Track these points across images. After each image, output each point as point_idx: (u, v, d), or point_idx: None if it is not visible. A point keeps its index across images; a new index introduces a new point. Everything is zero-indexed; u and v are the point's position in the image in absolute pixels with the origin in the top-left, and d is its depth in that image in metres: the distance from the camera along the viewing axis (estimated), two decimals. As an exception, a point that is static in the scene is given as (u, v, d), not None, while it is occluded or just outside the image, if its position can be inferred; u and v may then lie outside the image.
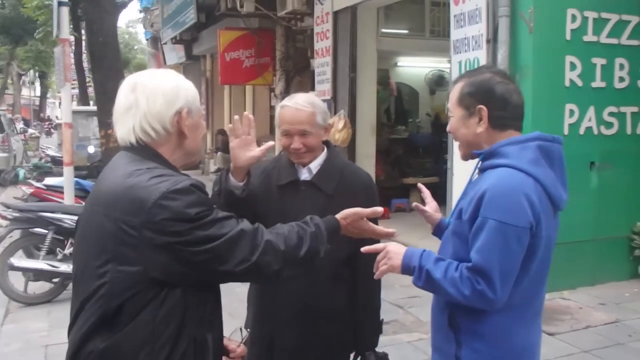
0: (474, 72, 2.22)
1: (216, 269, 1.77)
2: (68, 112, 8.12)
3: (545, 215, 2.02)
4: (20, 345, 5.35)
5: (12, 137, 18.28)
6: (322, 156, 2.76)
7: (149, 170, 1.80)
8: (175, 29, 16.61)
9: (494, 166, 2.07)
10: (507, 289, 1.98)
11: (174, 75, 1.96)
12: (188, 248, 1.71)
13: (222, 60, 13.28)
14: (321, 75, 9.96)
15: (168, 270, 1.73)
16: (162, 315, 1.75)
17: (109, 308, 1.74)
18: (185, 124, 1.90)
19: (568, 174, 2.08)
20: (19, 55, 36.93)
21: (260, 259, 1.81)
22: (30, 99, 54.08)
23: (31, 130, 29.79)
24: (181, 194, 1.72)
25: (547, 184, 2.03)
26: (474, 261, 1.97)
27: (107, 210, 1.77)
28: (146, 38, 28.95)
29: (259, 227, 1.90)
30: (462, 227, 2.08)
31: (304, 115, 2.64)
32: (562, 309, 5.88)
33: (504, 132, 2.12)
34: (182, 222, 1.70)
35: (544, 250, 2.06)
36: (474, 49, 6.39)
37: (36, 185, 8.46)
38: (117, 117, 1.92)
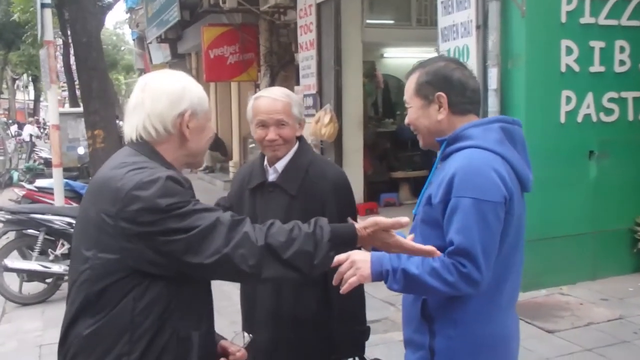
0: (427, 62, 2.25)
1: (188, 260, 1.76)
2: (55, 114, 8.18)
3: (515, 194, 2.05)
4: (15, 345, 5.44)
5: (7, 140, 18.75)
6: (290, 154, 2.71)
7: (134, 163, 1.85)
8: (160, 28, 16.68)
9: (459, 149, 2.09)
10: (490, 268, 1.98)
11: (183, 78, 1.99)
12: (159, 237, 1.74)
13: (207, 58, 13.34)
14: (306, 69, 9.89)
15: (142, 259, 1.77)
16: (143, 305, 1.78)
17: (90, 293, 1.80)
18: (188, 126, 1.94)
19: (566, 164, 1.85)
20: (12, 60, 38.14)
21: (233, 251, 1.78)
22: (24, 103, 55.55)
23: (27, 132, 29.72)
24: (154, 185, 1.75)
25: (514, 162, 2.08)
26: (456, 243, 1.97)
27: (93, 199, 1.86)
28: (133, 38, 29.07)
29: (243, 220, 1.87)
30: (433, 212, 2.08)
31: (281, 105, 2.63)
32: (561, 305, 5.74)
33: (465, 117, 2.17)
34: (153, 213, 1.73)
35: (515, 231, 2.08)
36: (463, 36, 6.21)
37: (28, 188, 8.66)
38: (126, 114, 1.98)
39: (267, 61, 12.22)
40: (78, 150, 15.03)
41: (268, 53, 12.19)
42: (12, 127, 27.22)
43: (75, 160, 14.79)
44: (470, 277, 1.95)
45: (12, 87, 46.06)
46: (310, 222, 1.92)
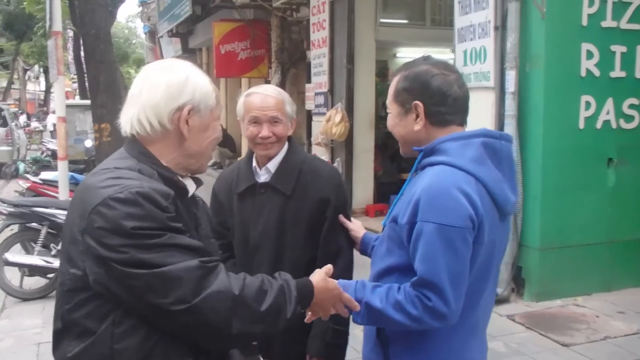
0: (410, 65, 2.06)
1: (150, 300, 1.55)
2: (62, 106, 8.06)
3: (488, 218, 1.87)
4: (13, 342, 5.34)
5: (16, 130, 18.64)
6: (282, 153, 2.62)
7: (115, 169, 1.66)
8: (171, 22, 16.67)
9: (432, 163, 1.93)
10: (460, 299, 1.83)
11: (187, 68, 1.79)
12: (120, 267, 1.53)
13: (217, 53, 13.27)
14: (317, 67, 9.77)
15: (104, 286, 1.57)
16: (122, 331, 1.59)
17: (65, 312, 1.64)
18: (187, 124, 1.73)
19: (583, 171, 1.64)
20: (24, 51, 38.32)
21: (204, 302, 1.57)
22: (35, 94, 55.85)
23: (34, 124, 29.87)
24: (121, 203, 1.54)
25: (490, 184, 1.89)
26: (419, 273, 1.83)
27: (70, 209, 1.69)
28: (144, 32, 29.07)
29: (217, 267, 1.65)
30: (398, 232, 1.93)
31: (274, 102, 2.55)
32: (576, 317, 5.57)
33: (445, 128, 1.98)
34: (117, 236, 1.53)
35: (486, 257, 1.91)
36: (480, 37, 6.06)
37: (32, 180, 8.51)
38: (125, 104, 1.79)
39: (278, 58, 12.18)
40: (85, 143, 15.03)
41: (279, 50, 12.15)
42: (21, 117, 27.16)
43: (82, 153, 14.79)
44: (436, 310, 1.81)
45: (23, 78, 46.32)
46: (276, 276, 1.79)
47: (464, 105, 2.01)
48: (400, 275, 1.94)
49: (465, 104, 2.02)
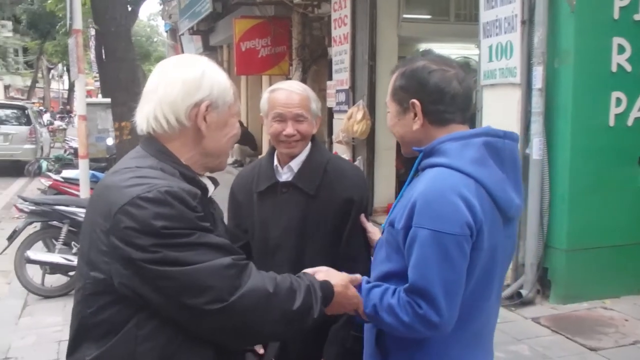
0: (408, 61, 1.97)
1: (183, 301, 1.52)
2: (82, 104, 8.09)
3: (489, 222, 1.78)
4: (35, 339, 5.37)
5: (39, 129, 18.77)
6: (305, 152, 2.56)
7: (137, 169, 1.62)
8: (192, 20, 16.78)
9: (431, 165, 1.85)
10: (454, 308, 1.76)
11: (204, 63, 1.75)
12: (152, 267, 1.50)
13: (238, 50, 13.25)
14: (339, 63, 9.66)
15: (131, 288, 1.53)
16: (146, 333, 1.56)
17: (85, 316, 1.61)
18: (205, 120, 1.70)
19: (613, 170, 1.50)
20: (48, 50, 39.25)
21: (239, 302, 1.54)
22: (59, 92, 56.74)
23: (58, 122, 30.21)
24: (150, 203, 1.51)
25: (491, 187, 1.80)
26: (410, 280, 1.77)
27: (90, 209, 1.66)
28: (165, 30, 29.21)
29: (249, 265, 1.64)
30: (395, 236, 1.86)
31: (299, 99, 2.49)
32: (604, 321, 5.41)
33: (445, 127, 1.89)
34: (147, 236, 1.49)
35: (487, 264, 1.82)
36: (507, 31, 5.90)
37: (54, 178, 8.62)
38: (140, 101, 1.75)
39: (299, 55, 12.06)
40: (107, 141, 15.03)
41: (300, 47, 12.03)
42: (45, 115, 27.45)
43: (103, 151, 14.82)
44: (427, 319, 1.74)
45: (47, 77, 46.98)
46: (301, 275, 1.79)
47: (465, 102, 1.91)
48: (398, 281, 1.87)
49: (467, 100, 1.92)
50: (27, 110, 18.31)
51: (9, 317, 5.94)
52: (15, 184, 15.09)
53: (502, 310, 5.56)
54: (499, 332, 4.96)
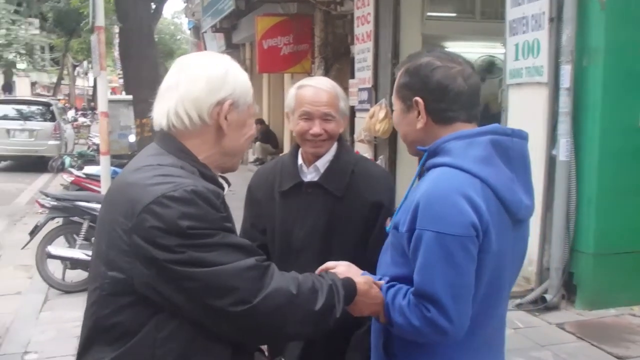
0: (412, 57, 1.93)
1: (207, 302, 1.51)
2: (104, 101, 8.11)
3: (496, 224, 1.72)
4: (55, 334, 5.41)
5: (63, 125, 19.08)
6: (332, 152, 2.49)
7: (159, 167, 1.61)
8: (215, 17, 16.82)
9: (435, 165, 1.80)
10: (465, 313, 1.71)
11: (227, 62, 1.75)
12: (176, 267, 1.48)
13: (260, 48, 13.21)
14: (361, 62, 9.54)
15: (153, 288, 1.51)
16: (165, 335, 1.54)
17: (101, 317, 1.59)
18: (227, 119, 1.69)
19: None
20: (73, 47, 39.85)
21: (263, 303, 1.54)
22: (84, 89, 57.16)
23: (82, 118, 30.55)
24: (176, 202, 1.50)
25: (498, 187, 1.74)
26: (416, 284, 1.73)
27: (109, 206, 1.64)
28: (189, 28, 29.38)
29: (271, 266, 1.63)
30: (400, 240, 1.82)
31: (328, 97, 2.41)
32: (633, 328, 5.28)
33: (450, 125, 1.84)
34: (172, 235, 1.48)
35: (497, 267, 1.76)
36: (534, 29, 5.77)
37: (76, 174, 8.73)
38: (158, 97, 1.74)
39: (321, 53, 12.04)
40: (129, 138, 15.22)
41: (323, 44, 12.01)
42: (69, 112, 27.76)
43: (126, 147, 15.02)
44: (435, 323, 1.69)
45: (73, 74, 47.49)
46: (323, 275, 1.78)
47: (470, 100, 1.85)
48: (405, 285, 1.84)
49: (472, 98, 1.86)
50: (52, 107, 18.58)
51: (30, 311, 6.02)
52: (39, 180, 15.30)
53: (525, 315, 5.48)
54: (521, 337, 4.94)
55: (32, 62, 36.69)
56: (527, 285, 5.89)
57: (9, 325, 5.59)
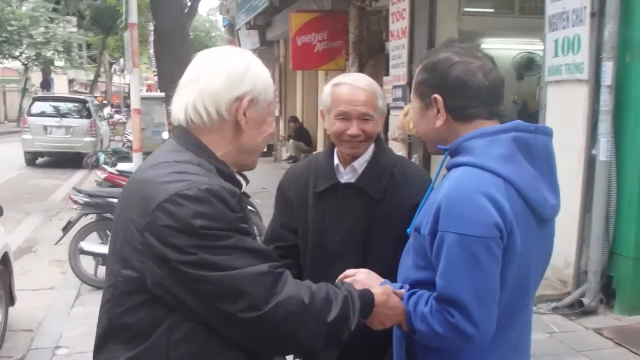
0: (431, 53, 1.88)
1: (218, 306, 1.48)
2: (136, 98, 8.17)
3: (521, 224, 1.67)
4: (85, 330, 5.36)
5: (99, 122, 19.26)
6: (369, 152, 2.39)
7: (176, 163, 1.58)
8: (249, 14, 16.88)
9: (456, 165, 1.75)
10: (490, 318, 1.65)
11: (248, 57, 1.71)
12: (187, 269, 1.45)
13: (294, 45, 13.11)
14: (396, 58, 9.40)
15: (166, 289, 1.49)
16: (179, 337, 1.52)
17: (114, 316, 1.58)
18: (245, 115, 1.66)
19: None
20: (110, 45, 40.04)
21: (274, 310, 1.49)
22: (120, 86, 57.75)
23: (118, 115, 30.95)
24: (190, 201, 1.46)
25: (522, 185, 1.69)
26: (438, 288, 1.68)
27: (124, 203, 1.62)
28: (223, 25, 29.50)
29: (284, 273, 1.58)
30: (422, 243, 1.76)
31: (366, 96, 2.30)
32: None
33: (470, 123, 1.78)
34: (184, 235, 1.45)
35: (522, 269, 1.71)
36: (574, 24, 5.61)
37: (109, 171, 8.79)
38: (177, 90, 1.72)
39: (355, 50, 11.85)
40: (163, 135, 15.21)
41: (357, 41, 11.81)
42: (106, 109, 28.08)
43: (159, 144, 14.84)
44: (460, 328, 1.64)
45: (109, 71, 48.15)
46: (339, 285, 1.73)
47: (491, 96, 1.79)
48: (427, 290, 1.78)
49: (493, 94, 1.79)
50: (88, 104, 18.76)
51: (62, 306, 6.10)
52: (75, 176, 15.53)
53: (562, 319, 5.36)
54: (557, 342, 4.80)
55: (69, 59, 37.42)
56: (563, 289, 5.76)
57: (42, 320, 5.62)
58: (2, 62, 33.00)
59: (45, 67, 35.76)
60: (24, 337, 5.28)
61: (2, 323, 5.08)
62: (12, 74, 37.22)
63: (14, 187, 13.49)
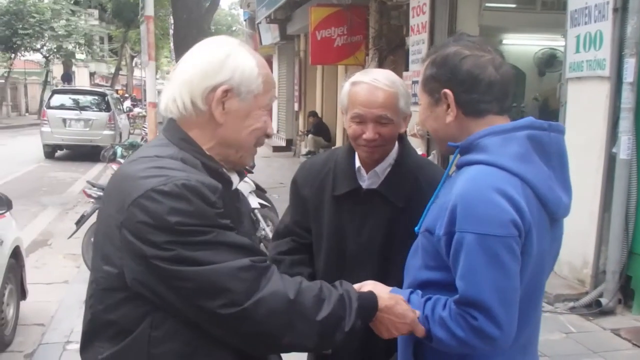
0: (439, 48, 1.82)
1: (197, 303, 1.44)
2: (152, 91, 8.27)
3: (537, 225, 1.64)
4: None
5: (119, 115, 19.20)
6: (392, 155, 2.25)
7: (157, 158, 1.53)
8: (269, 8, 16.73)
9: (470, 162, 1.70)
10: (513, 318, 1.62)
11: (231, 46, 1.63)
12: (165, 265, 1.41)
13: (313, 39, 13.02)
14: (416, 54, 9.31)
15: (146, 285, 1.45)
16: (161, 335, 1.48)
17: (97, 312, 1.55)
18: (223, 107, 1.58)
19: None
20: (131, 38, 40.31)
21: (256, 306, 1.44)
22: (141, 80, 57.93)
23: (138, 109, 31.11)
24: (166, 197, 1.42)
25: (538, 185, 1.66)
26: (460, 291, 1.62)
27: (106, 198, 1.59)
28: (244, 19, 29.43)
29: (270, 268, 1.53)
30: (435, 244, 1.71)
31: (384, 97, 2.13)
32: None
33: (482, 118, 1.74)
34: (160, 232, 1.41)
35: (536, 270, 1.69)
36: (597, 20, 5.52)
37: None
38: (165, 84, 1.69)
39: (375, 44, 11.72)
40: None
41: (377, 36, 11.69)
42: (125, 102, 28.16)
43: (176, 138, 15.03)
44: (483, 331, 1.60)
45: (130, 64, 48.31)
46: (336, 284, 1.64)
47: (502, 91, 1.75)
48: (436, 290, 1.75)
49: (505, 88, 1.75)
50: (107, 97, 18.74)
51: (75, 301, 5.99)
52: (94, 169, 15.54)
53: (579, 319, 5.30)
54: (573, 343, 4.75)
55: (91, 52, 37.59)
56: (581, 288, 5.70)
57: (54, 314, 5.57)
58: (23, 54, 33.28)
59: (66, 60, 36.00)
60: (35, 331, 5.22)
61: (14, 317, 5.04)
62: (34, 66, 37.55)
63: (31, 180, 13.51)
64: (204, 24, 10.37)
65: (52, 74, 36.60)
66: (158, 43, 40.57)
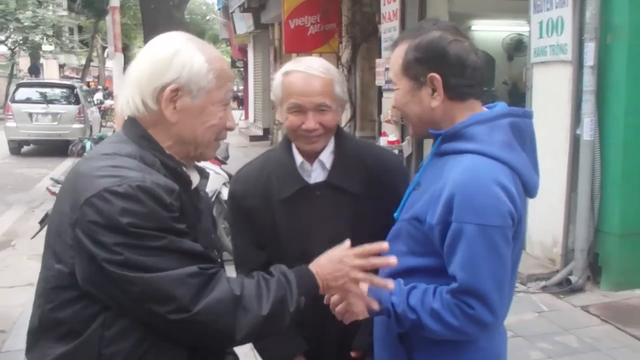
0: (418, 31, 1.79)
1: (147, 307, 1.42)
2: (119, 83, 8.17)
3: (524, 210, 1.72)
4: None
5: (89, 108, 18.59)
6: (331, 143, 2.15)
7: (115, 156, 1.50)
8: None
9: (459, 151, 1.71)
10: (504, 304, 1.70)
11: (181, 42, 1.59)
12: (113, 268, 1.39)
13: (287, 28, 12.95)
14: (388, 41, 9.35)
15: (96, 285, 1.44)
16: (112, 335, 1.46)
17: (45, 311, 1.51)
18: (175, 106, 1.55)
19: None
20: (102, 29, 39.47)
21: (204, 311, 1.43)
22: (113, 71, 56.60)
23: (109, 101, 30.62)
24: (119, 198, 1.40)
25: (523, 171, 1.72)
26: (460, 280, 1.64)
27: (60, 195, 1.55)
28: (218, 7, 29.03)
29: (217, 274, 1.50)
30: (426, 232, 1.72)
31: (321, 84, 2.04)
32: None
33: (464, 102, 1.77)
34: (111, 232, 1.39)
35: (517, 251, 1.76)
36: (558, 6, 5.66)
37: None
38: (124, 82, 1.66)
39: (349, 32, 11.75)
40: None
41: (350, 24, 11.71)
42: (96, 94, 27.46)
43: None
44: (479, 319, 1.65)
45: (102, 55, 47.26)
46: (271, 271, 1.62)
47: (482, 76, 1.80)
48: (422, 277, 1.77)
49: (483, 74, 1.80)
50: (76, 89, 18.06)
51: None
52: (62, 165, 14.84)
53: (550, 298, 5.43)
54: (546, 322, 4.91)
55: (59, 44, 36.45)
56: (552, 267, 5.84)
57: (16, 320, 5.10)
58: (-14, 47, 32.19)
59: (33, 52, 34.67)
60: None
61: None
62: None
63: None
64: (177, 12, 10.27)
65: (19, 67, 35.29)
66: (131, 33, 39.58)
